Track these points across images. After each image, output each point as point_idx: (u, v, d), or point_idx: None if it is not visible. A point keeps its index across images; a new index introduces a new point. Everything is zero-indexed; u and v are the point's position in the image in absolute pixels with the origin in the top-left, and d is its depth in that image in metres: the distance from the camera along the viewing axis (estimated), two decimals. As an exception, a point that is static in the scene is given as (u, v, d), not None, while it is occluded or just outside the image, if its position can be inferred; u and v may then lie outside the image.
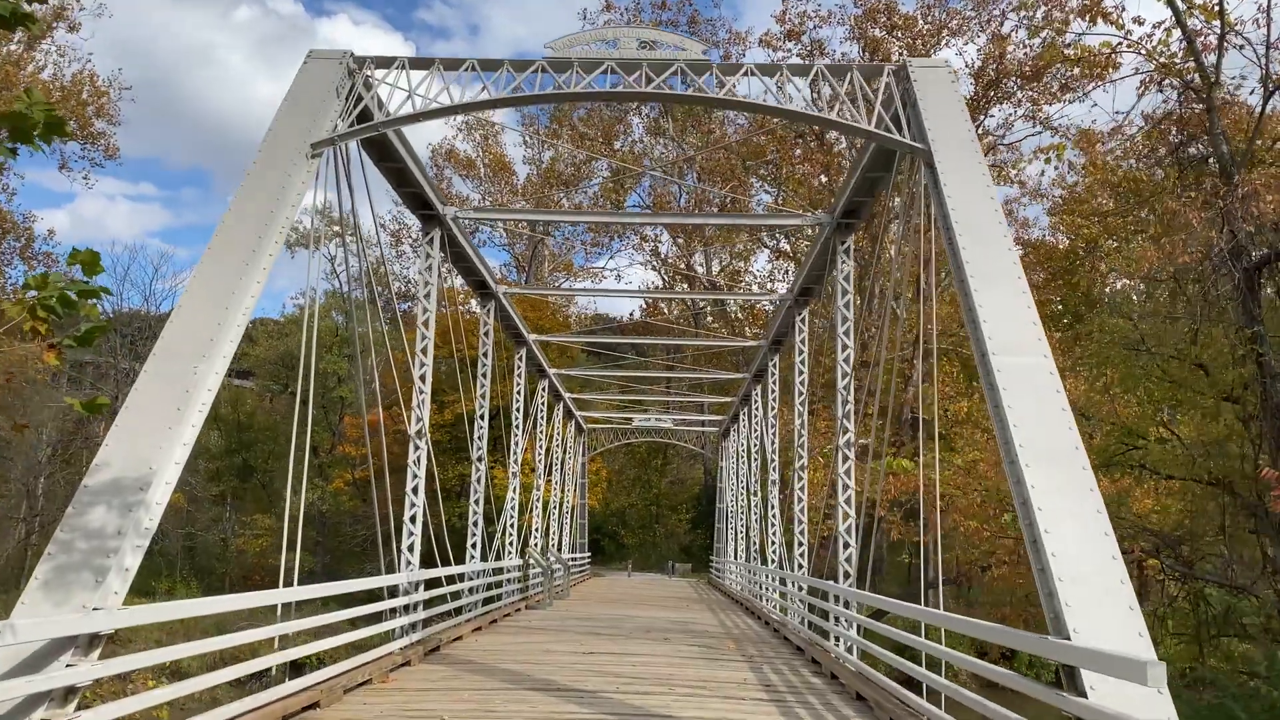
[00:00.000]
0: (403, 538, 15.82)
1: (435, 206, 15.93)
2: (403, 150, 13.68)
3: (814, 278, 19.39)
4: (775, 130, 50.08)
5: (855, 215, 15.68)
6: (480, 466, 21.01)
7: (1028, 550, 7.18)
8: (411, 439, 15.99)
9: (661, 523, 63.14)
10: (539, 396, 30.13)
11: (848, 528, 15.38)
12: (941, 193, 9.64)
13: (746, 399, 34.48)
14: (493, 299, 21.28)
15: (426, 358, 16.17)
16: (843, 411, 15.61)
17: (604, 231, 59.21)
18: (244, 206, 9.60)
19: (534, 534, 31.37)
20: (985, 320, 8.36)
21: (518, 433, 25.90)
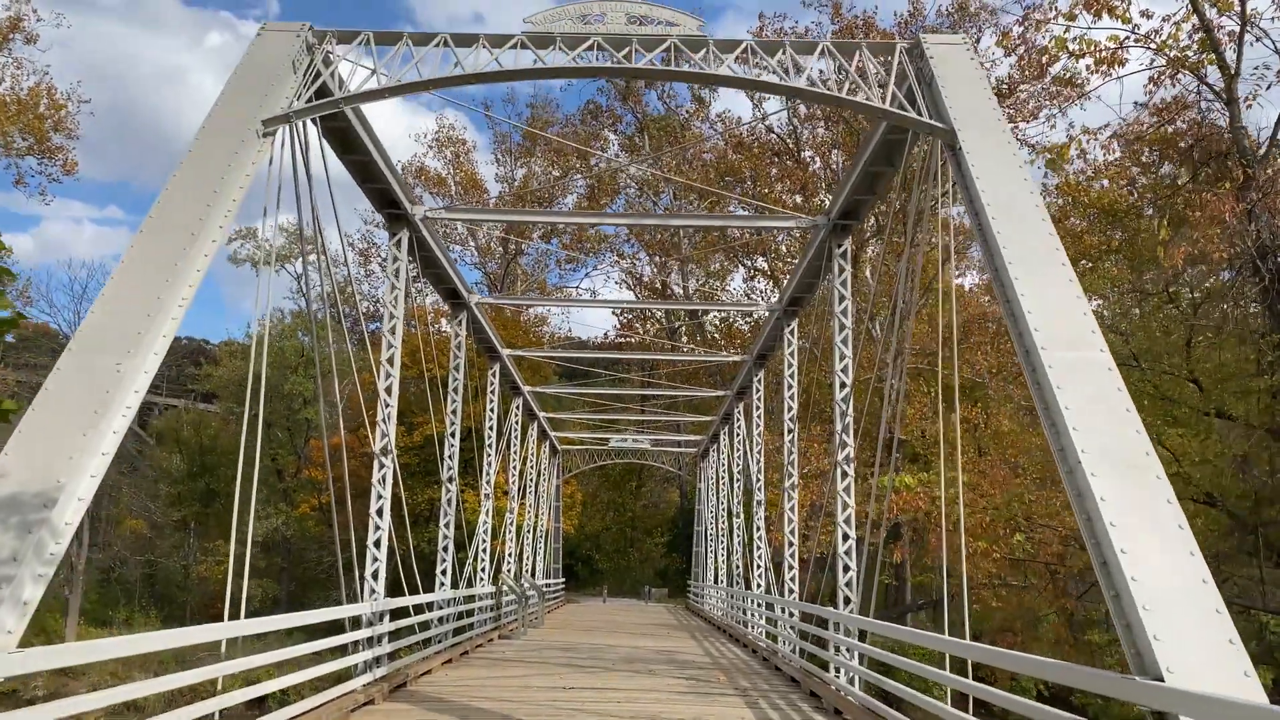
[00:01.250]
0: (366, 564, 14.56)
1: (403, 205, 14.81)
2: (367, 140, 12.55)
3: (805, 286, 18.40)
4: (751, 149, 49.44)
5: (853, 216, 14.72)
6: (451, 488, 19.77)
7: (1097, 574, 6.13)
8: (376, 456, 14.75)
9: (636, 547, 61.80)
10: (512, 415, 28.93)
11: (848, 549, 14.31)
12: (969, 174, 8.66)
13: (728, 418, 33.43)
14: (465, 309, 20.11)
15: (393, 368, 14.98)
16: (841, 425, 14.58)
17: (579, 247, 58.17)
18: (183, 186, 8.44)
19: (507, 559, 30.05)
20: (1030, 311, 7.36)
21: (490, 453, 24.67)
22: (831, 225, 14.86)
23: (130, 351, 7.12)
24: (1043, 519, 17.57)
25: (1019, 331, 7.51)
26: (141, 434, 74.80)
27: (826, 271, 15.65)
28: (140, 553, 60.57)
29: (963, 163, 8.88)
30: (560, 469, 46.20)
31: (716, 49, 10.33)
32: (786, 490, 19.45)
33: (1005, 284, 7.74)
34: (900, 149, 12.04)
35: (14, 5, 37.15)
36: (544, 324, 65.69)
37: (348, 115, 11.62)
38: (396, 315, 15.08)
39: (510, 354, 25.74)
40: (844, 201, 14.10)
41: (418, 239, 15.84)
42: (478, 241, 65.30)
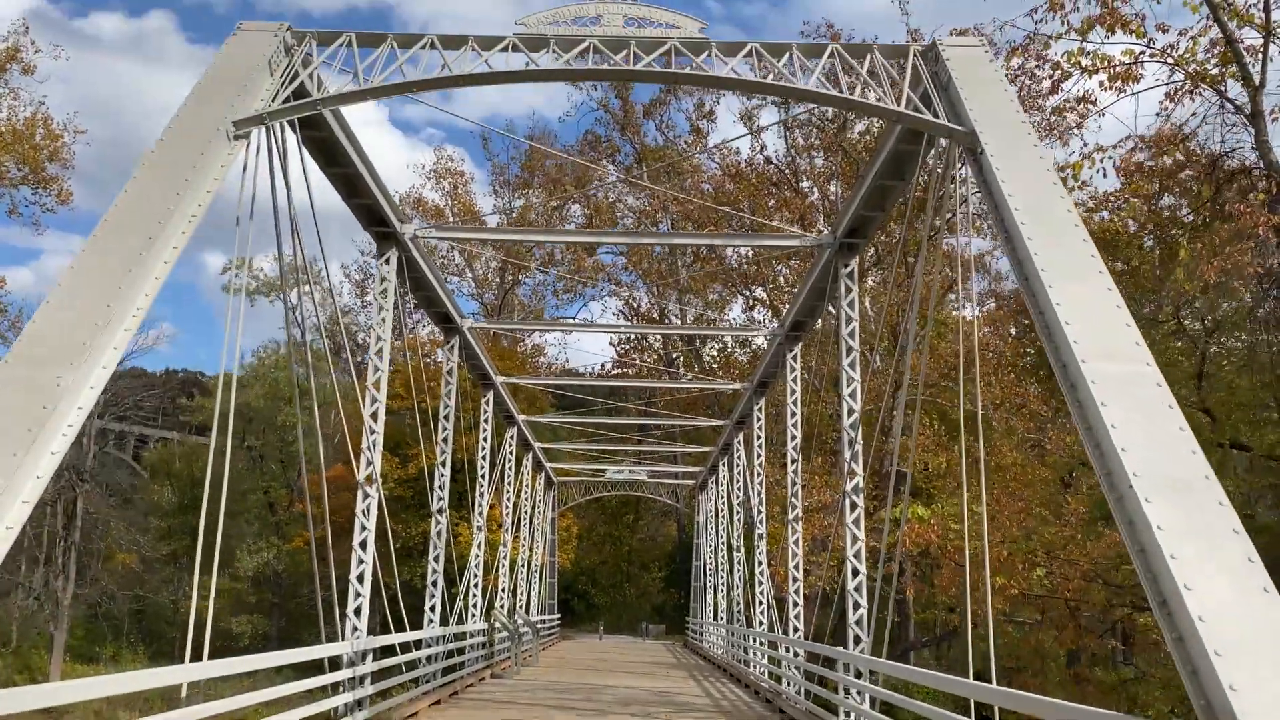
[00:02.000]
0: (349, 600, 13.77)
1: (391, 223, 14.18)
2: (352, 152, 11.94)
3: (808, 309, 17.74)
4: (749, 179, 49.09)
5: (860, 234, 14.10)
6: (441, 520, 18.99)
7: (1155, 613, 5.41)
8: (360, 486, 14.01)
9: (633, 582, 60.70)
10: (506, 446, 28.17)
11: (857, 585, 13.54)
12: (993, 178, 8.04)
13: (727, 449, 32.67)
14: (457, 334, 19.44)
15: (379, 394, 14.28)
16: (849, 454, 13.87)
17: (577, 276, 57.69)
18: (143, 189, 7.80)
19: (500, 595, 29.17)
20: (1067, 321, 6.69)
21: (483, 484, 23.89)
22: (837, 244, 14.25)
23: (73, 364, 6.42)
24: (1063, 553, 16.76)
25: (1055, 344, 6.84)
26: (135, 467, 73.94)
27: (832, 293, 15.01)
28: (129, 588, 59.48)
29: (985, 167, 8.26)
30: (556, 501, 45.32)
31: (720, 51, 9.75)
32: (790, 523, 18.69)
33: (1037, 293, 7.09)
34: (912, 160, 11.45)
35: (11, 36, 36.98)
36: (541, 354, 65.11)
37: (330, 124, 11.02)
38: (384, 338, 14.40)
39: (504, 381, 25.05)
40: (850, 218, 13.49)
41: (407, 259, 15.19)
42: (475, 272, 64.89)
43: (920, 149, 11.00)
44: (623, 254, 57.45)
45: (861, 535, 13.68)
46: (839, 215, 14.13)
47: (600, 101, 56.60)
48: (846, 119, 47.49)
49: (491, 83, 9.21)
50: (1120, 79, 14.99)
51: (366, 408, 14.16)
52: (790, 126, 49.13)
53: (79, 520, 55.56)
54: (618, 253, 58.47)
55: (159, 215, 7.52)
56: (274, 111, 8.90)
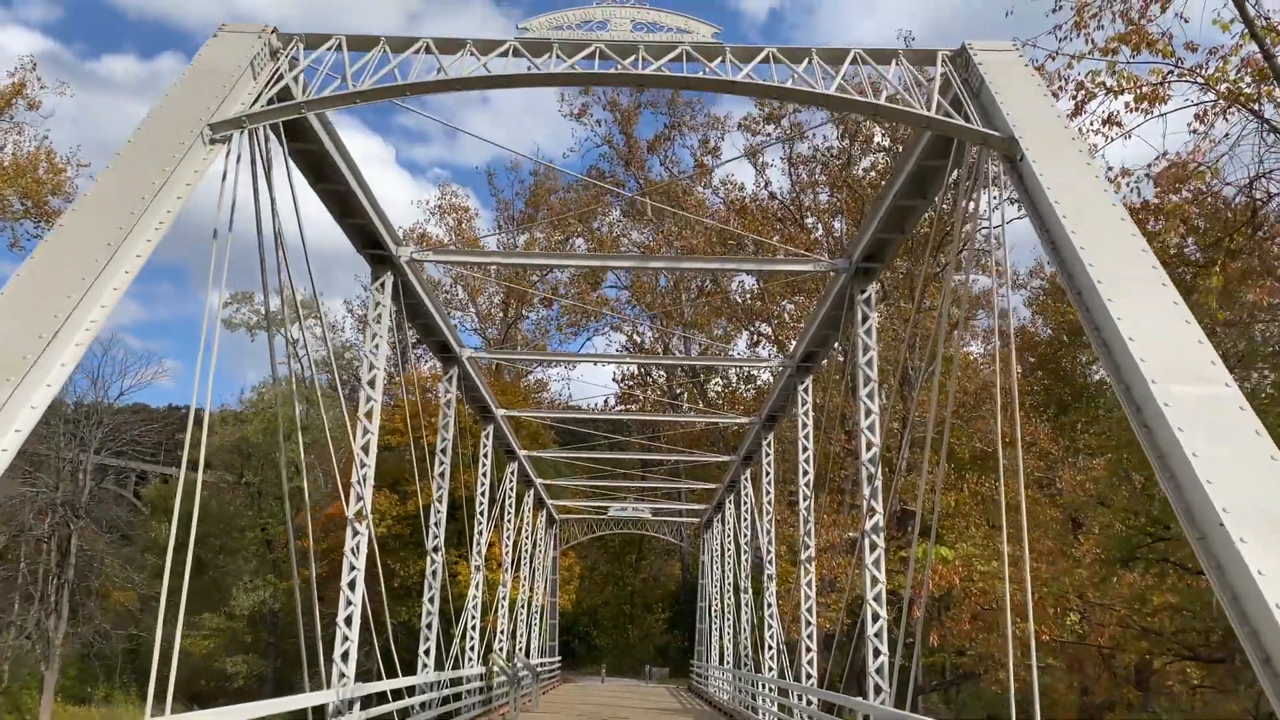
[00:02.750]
0: (335, 644, 12.92)
1: (386, 245, 13.52)
2: (344, 167, 11.29)
3: (820, 339, 17.00)
4: (754, 215, 48.66)
5: (878, 258, 13.40)
6: (437, 558, 18.14)
7: (1258, 672, 4.61)
8: (350, 522, 13.21)
9: (636, 623, 59.39)
10: (507, 481, 27.33)
11: (878, 631, 12.68)
12: (1036, 186, 7.34)
13: (733, 486, 31.79)
14: (456, 365, 18.72)
15: (371, 424, 13.52)
16: (868, 490, 13.07)
17: (580, 311, 57.13)
18: (106, 194, 7.12)
19: (499, 637, 28.17)
20: (1131, 338, 5.94)
21: (482, 521, 23.05)
22: (853, 268, 13.55)
23: (11, 379, 5.69)
24: (1096, 596, 15.76)
25: (1116, 364, 6.09)
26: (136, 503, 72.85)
27: (847, 321, 14.30)
28: (123, 626, 58.28)
29: (1027, 174, 7.57)
30: (558, 540, 44.33)
31: (734, 56, 9.10)
32: (802, 564, 17.83)
33: (1093, 308, 6.36)
34: (936, 177, 10.78)
35: (19, 72, 36.98)
36: (544, 389, 64.37)
37: (319, 135, 10.38)
38: (377, 367, 13.68)
39: (505, 414, 24.29)
40: (868, 241, 12.80)
41: (403, 284, 14.50)
42: (478, 307, 64.37)
43: (945, 165, 10.33)
44: (626, 288, 56.92)
45: (882, 577, 12.84)
46: (855, 238, 13.45)
47: (604, 138, 56.40)
48: (852, 155, 47.20)
49: (490, 87, 8.58)
50: (1147, 99, 14.38)
51: (357, 440, 13.40)
52: (795, 162, 48.84)
53: (73, 557, 54.57)
54: (621, 287, 57.97)
55: (121, 221, 6.83)
56: (255, 114, 8.24)
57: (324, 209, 12.37)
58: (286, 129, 9.82)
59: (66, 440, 56.32)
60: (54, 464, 55.46)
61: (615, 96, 54.75)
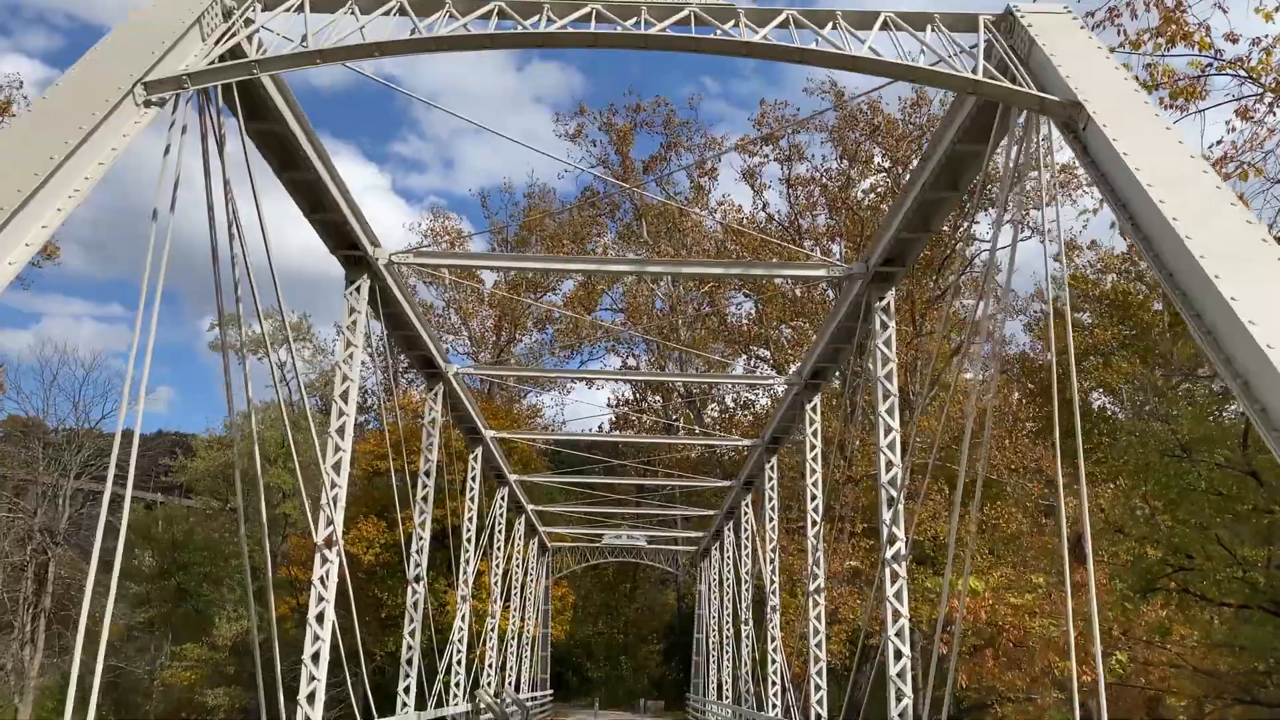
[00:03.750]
0: (301, 684, 11.67)
1: (363, 245, 12.38)
2: (312, 152, 10.17)
3: (831, 353, 15.85)
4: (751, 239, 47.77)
5: (899, 261, 12.28)
6: (419, 588, 16.87)
7: None
8: (318, 549, 11.98)
9: (630, 654, 57.80)
10: (496, 506, 26.07)
11: (900, 670, 11.46)
12: (1107, 155, 6.25)
13: (732, 513, 30.55)
14: (441, 381, 17.53)
15: (344, 442, 12.33)
16: (889, 515, 11.89)
17: (575, 334, 56.07)
18: (6, 157, 5.96)
19: (487, 670, 26.78)
20: (1251, 321, 4.80)
21: (469, 548, 21.78)
22: (871, 273, 12.43)
23: None
24: (1143, 633, 14.37)
25: (1226, 354, 4.95)
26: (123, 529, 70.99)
27: (863, 331, 13.18)
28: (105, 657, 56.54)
29: (1095, 142, 6.47)
30: (550, 568, 42.91)
31: (749, 20, 8.02)
32: (810, 595, 16.59)
33: (1193, 288, 5.24)
34: (970, 165, 9.71)
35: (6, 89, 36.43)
36: (537, 414, 63.12)
37: (283, 114, 9.27)
38: (351, 379, 12.50)
39: (495, 436, 23.07)
40: (889, 242, 11.68)
41: (382, 290, 13.35)
42: (470, 330, 63.24)
43: (982, 150, 9.26)
44: (622, 310, 55.90)
45: (905, 611, 11.62)
46: (874, 237, 12.34)
47: (599, 158, 55.59)
48: (851, 176, 46.37)
49: (468, 48, 7.50)
50: (1184, 95, 13.36)
51: (328, 458, 12.20)
52: (793, 184, 47.99)
53: (50, 585, 52.97)
54: (617, 309, 56.94)
55: (22, 184, 5.68)
56: (199, 73, 7.10)
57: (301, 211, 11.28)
58: (245, 105, 8.72)
59: (46, 465, 54.88)
60: (33, 490, 54.01)
61: (611, 118, 53.98)
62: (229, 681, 56.61)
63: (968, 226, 42.74)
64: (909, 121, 43.82)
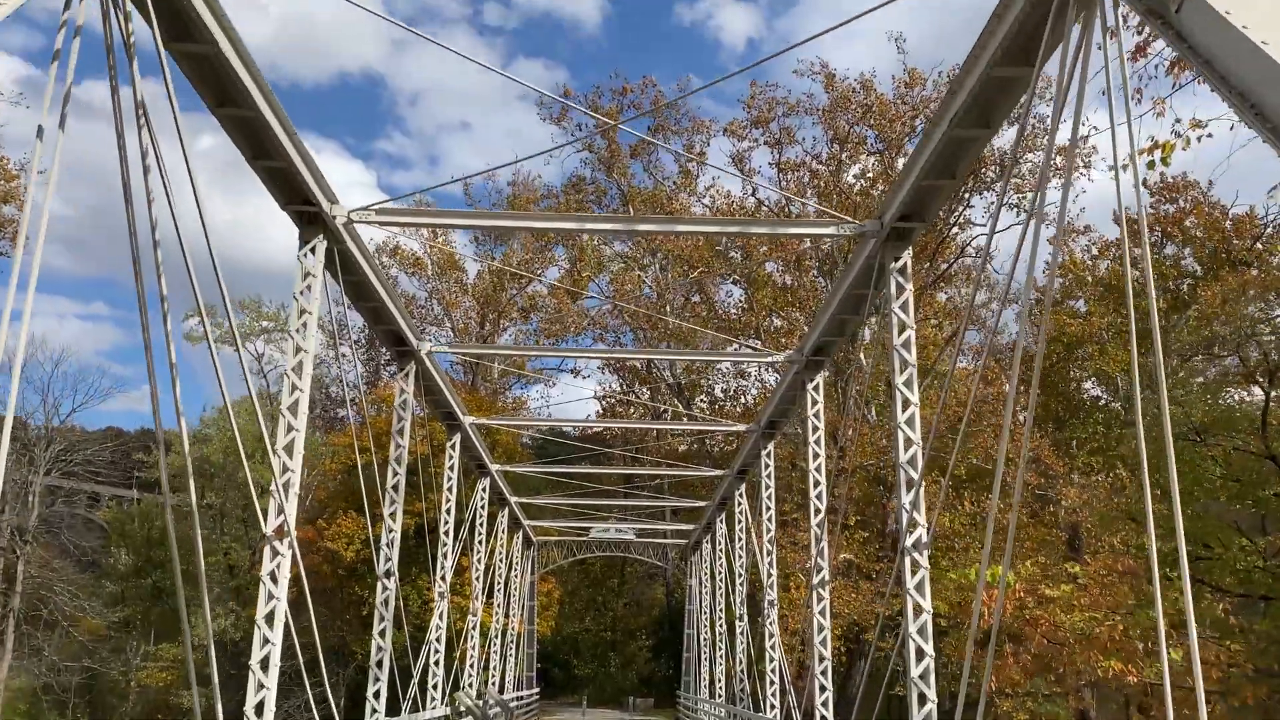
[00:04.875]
0: (249, 694, 10.33)
1: (316, 199, 10.99)
2: (249, 81, 8.77)
3: (836, 326, 14.55)
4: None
5: (918, 216, 10.98)
6: (389, 584, 15.52)
7: None
8: (269, 541, 10.62)
9: (619, 650, 56.60)
10: (477, 497, 24.71)
11: (923, 672, 10.20)
12: (1221, 29, 4.96)
13: (725, 504, 29.29)
14: (412, 360, 16.15)
15: (297, 421, 10.96)
16: (909, 498, 10.62)
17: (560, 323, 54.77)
18: None
19: (468, 670, 25.44)
20: None
21: (447, 541, 20.43)
22: (886, 230, 11.14)
23: None
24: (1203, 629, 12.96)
25: None
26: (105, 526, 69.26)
27: (876, 295, 11.90)
28: (78, 658, 54.97)
29: (1194, 21, 5.19)
30: (535, 564, 41.58)
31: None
32: (814, 589, 15.32)
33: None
34: (1009, 93, 8.44)
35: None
36: (522, 407, 61.75)
37: (211, 33, 7.87)
38: (305, 349, 11.12)
39: (474, 422, 21.71)
40: (908, 192, 10.37)
41: (341, 253, 11.96)
42: (453, 321, 61.77)
43: (1027, 74, 7.99)
44: (609, 298, 54.55)
45: (927, 606, 10.35)
46: (890, 190, 11.04)
47: (585, 143, 54.14)
48: (842, 160, 45.15)
49: None
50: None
51: (280, 438, 10.83)
52: (783, 169, 46.74)
53: (19, 585, 51.31)
54: (604, 297, 55.59)
55: None
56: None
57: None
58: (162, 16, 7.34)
59: (15, 460, 53.16)
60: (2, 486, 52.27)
61: (597, 99, 52.52)
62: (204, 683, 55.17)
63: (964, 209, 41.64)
64: (902, 101, 42.66)
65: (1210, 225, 37.60)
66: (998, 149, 41.20)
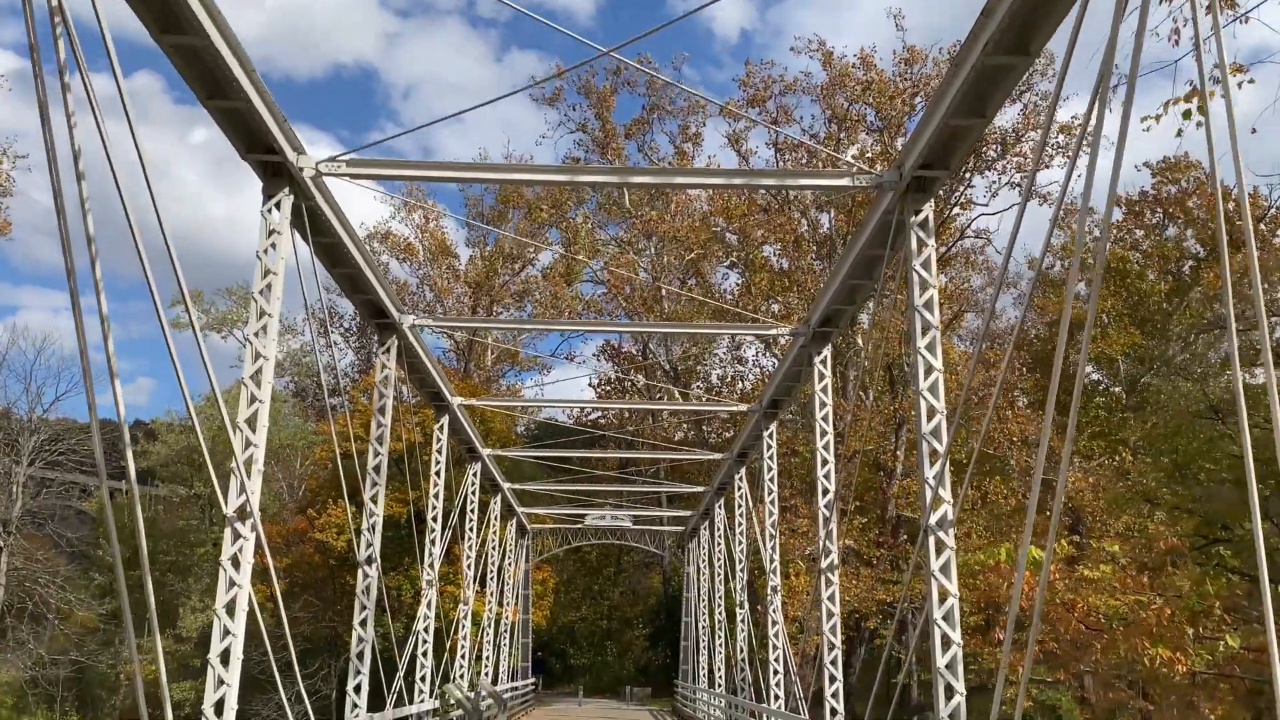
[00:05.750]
0: (207, 691, 9.38)
1: (280, 147, 9.98)
2: (200, 9, 7.77)
3: (845, 294, 13.56)
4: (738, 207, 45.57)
5: (941, 164, 10.00)
6: (370, 571, 14.54)
7: None
8: (229, 522, 9.64)
9: (615, 639, 55.77)
10: (467, 482, 23.73)
11: (950, 661, 9.27)
12: None
13: (723, 488, 28.38)
14: (394, 334, 15.14)
15: (260, 390, 9.98)
16: (932, 471, 9.67)
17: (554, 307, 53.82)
18: None
19: (459, 661, 24.51)
20: None
21: (434, 528, 19.46)
22: (907, 179, 10.16)
23: None
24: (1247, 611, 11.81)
25: None
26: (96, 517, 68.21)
27: (895, 249, 10.94)
28: (65, 651, 54.05)
29: None
30: (530, 552, 40.64)
31: None
32: (824, 573, 14.39)
33: None
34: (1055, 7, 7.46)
35: None
36: (516, 395, 60.74)
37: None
38: (269, 313, 10.13)
39: (462, 403, 20.72)
40: (934, 135, 9.37)
41: (310, 211, 10.95)
42: (445, 306, 60.70)
43: None
44: (603, 283, 53.55)
45: (954, 589, 9.42)
46: (914, 135, 10.04)
47: (580, 124, 53.07)
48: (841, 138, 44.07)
49: None
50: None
51: (243, 409, 9.85)
52: (780, 148, 45.70)
53: (3, 578, 50.29)
54: (598, 281, 54.57)
55: None
56: None
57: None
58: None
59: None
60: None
61: (590, 79, 51.39)
62: (195, 675, 54.25)
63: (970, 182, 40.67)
64: (902, 78, 41.68)
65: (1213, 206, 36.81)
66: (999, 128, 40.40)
